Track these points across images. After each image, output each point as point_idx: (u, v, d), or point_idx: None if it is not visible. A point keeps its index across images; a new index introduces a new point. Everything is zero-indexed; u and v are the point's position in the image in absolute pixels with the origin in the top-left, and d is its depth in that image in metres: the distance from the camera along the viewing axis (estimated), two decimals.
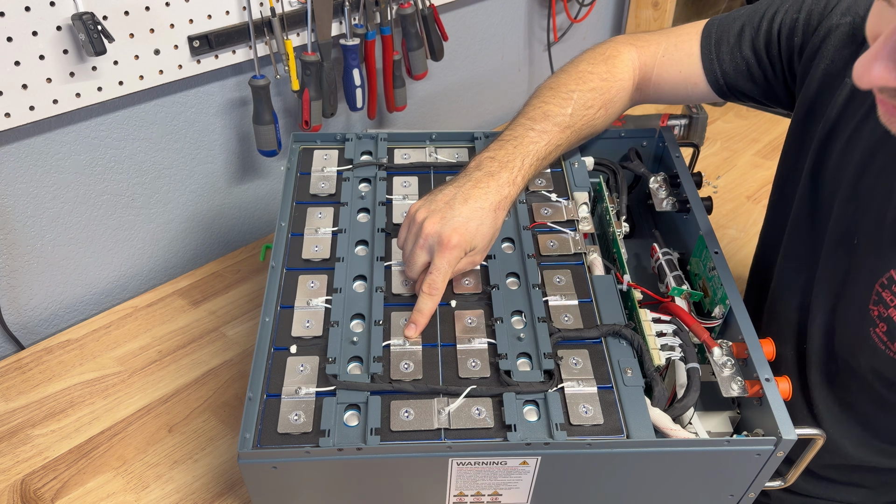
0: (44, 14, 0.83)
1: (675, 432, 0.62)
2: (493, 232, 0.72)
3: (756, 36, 0.76)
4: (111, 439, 0.84)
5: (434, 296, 0.70)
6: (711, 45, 0.79)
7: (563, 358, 0.67)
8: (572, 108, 0.80)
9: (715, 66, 0.79)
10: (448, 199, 0.71)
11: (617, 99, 0.83)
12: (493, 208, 0.71)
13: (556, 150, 0.80)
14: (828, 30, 0.70)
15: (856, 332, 0.67)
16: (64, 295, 1.03)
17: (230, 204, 1.18)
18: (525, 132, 0.78)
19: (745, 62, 0.78)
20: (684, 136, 1.40)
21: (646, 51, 0.84)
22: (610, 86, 0.82)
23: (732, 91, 0.80)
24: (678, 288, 0.74)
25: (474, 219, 0.70)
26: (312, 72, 1.06)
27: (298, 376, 0.65)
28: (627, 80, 0.84)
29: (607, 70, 0.82)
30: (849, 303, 0.68)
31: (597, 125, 0.83)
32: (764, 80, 0.78)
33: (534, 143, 0.77)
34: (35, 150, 0.92)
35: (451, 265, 0.70)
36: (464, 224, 0.69)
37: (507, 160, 0.75)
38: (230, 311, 1.02)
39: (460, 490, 0.65)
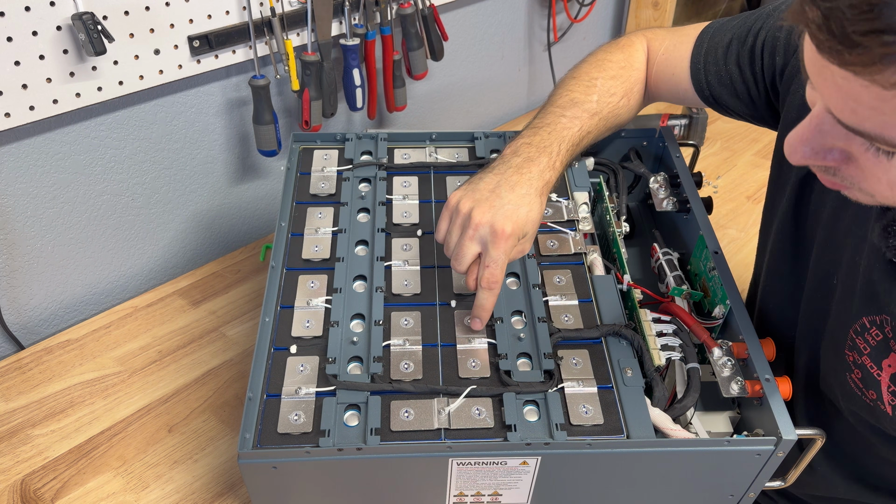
0: (44, 14, 0.83)
1: (675, 432, 0.62)
2: (540, 216, 0.70)
3: (741, 50, 0.74)
4: (111, 439, 0.84)
5: (494, 289, 0.67)
6: (701, 54, 0.78)
7: (563, 358, 0.67)
8: (597, 95, 0.79)
9: (701, 75, 0.78)
10: (492, 186, 0.68)
11: (636, 89, 0.83)
12: (538, 193, 0.69)
13: (587, 136, 0.78)
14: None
15: (835, 376, 0.65)
16: (64, 295, 1.03)
17: (230, 204, 1.18)
18: (557, 119, 0.76)
19: (729, 77, 0.76)
20: (684, 136, 1.40)
21: (653, 45, 0.83)
22: (629, 74, 0.81)
23: (718, 103, 0.78)
24: (678, 288, 0.74)
25: (523, 205, 0.68)
26: (312, 72, 1.06)
27: (298, 376, 0.65)
28: (642, 70, 0.83)
29: (625, 58, 0.82)
30: (828, 346, 0.66)
31: (621, 114, 0.82)
32: (748, 97, 0.76)
33: (567, 128, 0.75)
34: (35, 150, 0.92)
35: (508, 255, 0.67)
36: (514, 211, 0.67)
37: (545, 145, 0.73)
38: (230, 311, 1.02)
39: (460, 490, 0.65)
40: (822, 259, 0.66)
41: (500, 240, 0.66)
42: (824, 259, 0.66)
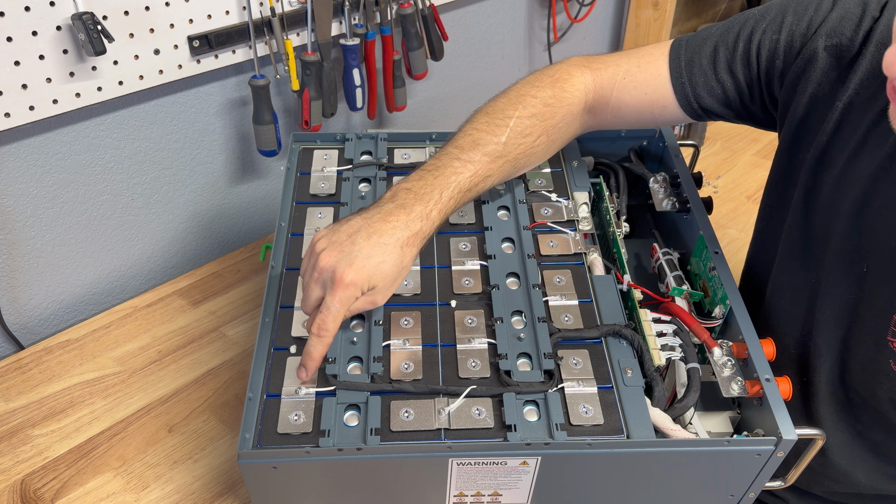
0: (44, 14, 0.83)
1: (675, 432, 0.62)
2: (396, 270, 0.66)
3: (732, 58, 0.72)
4: (111, 439, 0.84)
5: (323, 338, 0.63)
6: (682, 67, 0.74)
7: (563, 358, 0.67)
8: (507, 135, 0.74)
9: (687, 88, 0.74)
10: (352, 231, 0.65)
11: (563, 124, 0.77)
12: (399, 244, 0.65)
13: (485, 181, 0.73)
14: (812, 53, 0.66)
15: (872, 365, 0.64)
16: (64, 295, 1.03)
17: (230, 204, 1.18)
18: (449, 161, 0.72)
19: (720, 85, 0.73)
20: (684, 136, 1.40)
21: (603, 73, 0.78)
22: (554, 111, 0.76)
23: (707, 113, 0.76)
24: (678, 288, 0.74)
25: (375, 255, 0.64)
26: (312, 72, 1.06)
27: None
28: (576, 104, 0.78)
29: (553, 95, 0.76)
30: (863, 335, 0.65)
31: (537, 153, 0.77)
32: (740, 104, 0.74)
33: (457, 173, 0.71)
34: (35, 150, 0.92)
35: (344, 305, 0.63)
36: (363, 261, 0.63)
37: (424, 192, 0.69)
38: (230, 311, 1.02)
39: (460, 490, 0.65)
40: (846, 249, 0.65)
41: (338, 288, 0.62)
42: (848, 248, 0.65)
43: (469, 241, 0.78)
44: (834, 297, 0.67)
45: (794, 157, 0.71)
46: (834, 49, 0.65)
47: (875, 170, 0.62)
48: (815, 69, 0.66)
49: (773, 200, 0.77)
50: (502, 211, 0.81)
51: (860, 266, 0.64)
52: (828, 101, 0.66)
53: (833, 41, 0.65)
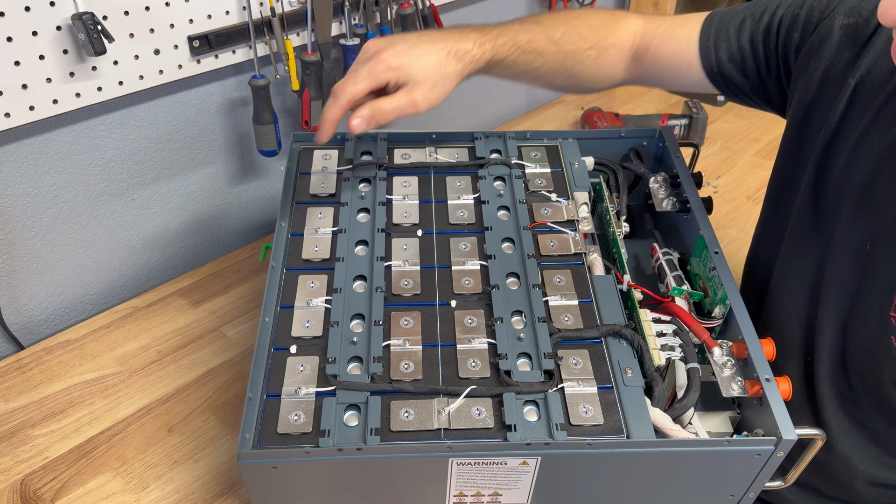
0: (44, 14, 0.83)
1: (675, 432, 0.62)
2: (436, 70, 0.67)
3: (756, 28, 0.74)
4: (111, 439, 0.84)
5: (338, 97, 0.66)
6: (711, 32, 0.78)
7: (563, 358, 0.67)
8: (565, 30, 0.79)
9: (711, 52, 0.77)
10: (411, 34, 0.69)
11: (611, 52, 0.82)
12: (446, 50, 0.68)
13: (536, 56, 0.77)
14: (828, 29, 0.68)
15: (874, 343, 0.65)
16: (64, 295, 1.03)
17: (230, 204, 1.18)
18: (512, 25, 0.77)
19: (740, 53, 0.76)
20: (684, 136, 1.40)
21: (650, 23, 0.84)
22: (608, 32, 0.82)
23: (726, 81, 0.78)
24: (678, 288, 0.74)
25: (420, 47, 0.66)
26: (312, 72, 1.06)
27: (298, 376, 0.65)
28: (626, 40, 0.83)
29: (611, 20, 0.83)
30: (865, 314, 0.65)
31: (585, 64, 0.81)
32: (756, 75, 0.76)
33: (515, 32, 0.76)
34: (35, 150, 0.92)
35: (372, 75, 0.65)
36: (406, 47, 0.66)
37: (484, 30, 0.74)
38: (230, 311, 1.02)
39: (460, 490, 0.65)
40: (854, 228, 0.66)
41: (372, 59, 0.66)
42: (856, 228, 0.66)
43: (469, 241, 0.78)
44: (839, 278, 0.67)
45: (804, 137, 0.72)
46: (850, 28, 0.66)
47: (885, 149, 0.63)
48: (829, 46, 0.68)
49: (781, 182, 0.77)
50: (502, 211, 0.81)
51: (864, 245, 0.64)
52: (840, 80, 0.67)
53: (850, 20, 0.66)
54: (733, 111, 1.55)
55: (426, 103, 0.68)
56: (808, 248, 0.71)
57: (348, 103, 0.67)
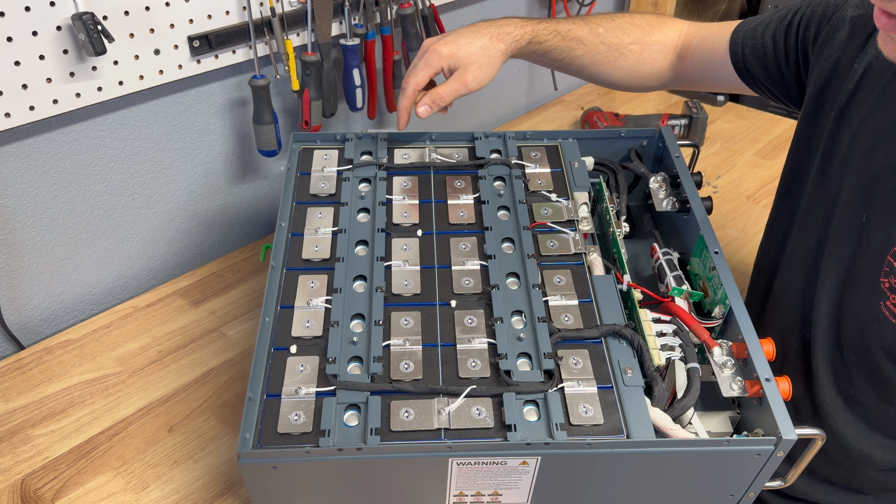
0: (44, 14, 0.83)
1: (675, 432, 0.62)
2: (480, 52, 0.78)
3: (779, 25, 0.80)
4: (111, 439, 0.84)
5: (404, 89, 0.78)
6: (741, 33, 0.85)
7: (563, 358, 0.67)
8: (610, 25, 0.88)
9: (739, 49, 0.84)
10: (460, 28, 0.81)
11: (656, 48, 0.89)
12: (489, 34, 0.79)
13: (578, 44, 0.86)
14: (840, 20, 0.73)
15: (864, 312, 0.68)
16: (64, 295, 1.03)
17: (230, 204, 1.18)
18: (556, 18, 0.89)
19: (763, 48, 0.81)
20: (684, 136, 1.40)
21: (694, 26, 0.91)
22: (651, 31, 0.89)
23: (750, 75, 0.84)
24: (678, 288, 0.74)
25: (466, 36, 0.78)
26: (312, 72, 1.06)
27: (298, 376, 0.65)
28: (671, 38, 0.90)
29: (656, 20, 0.90)
30: (857, 282, 0.69)
31: (629, 58, 0.89)
32: (777, 69, 0.81)
33: (557, 21, 0.85)
34: (35, 150, 0.92)
35: (428, 66, 0.77)
36: (453, 38, 0.78)
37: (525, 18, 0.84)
38: (230, 311, 1.02)
39: (460, 490, 0.65)
40: (852, 202, 0.70)
41: (425, 52, 0.77)
42: (854, 201, 0.69)
43: (469, 241, 0.78)
44: (837, 251, 0.71)
45: (816, 121, 0.76)
46: (859, 18, 0.72)
47: (885, 125, 0.67)
48: (841, 36, 0.73)
49: (794, 165, 0.81)
50: (502, 211, 0.81)
51: (861, 217, 0.68)
52: (849, 66, 0.72)
53: (859, 11, 0.72)
54: (733, 111, 1.55)
55: (476, 82, 0.79)
56: (814, 225, 0.75)
57: (414, 93, 0.80)
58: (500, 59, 0.80)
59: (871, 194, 0.68)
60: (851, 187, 0.70)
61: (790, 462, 0.66)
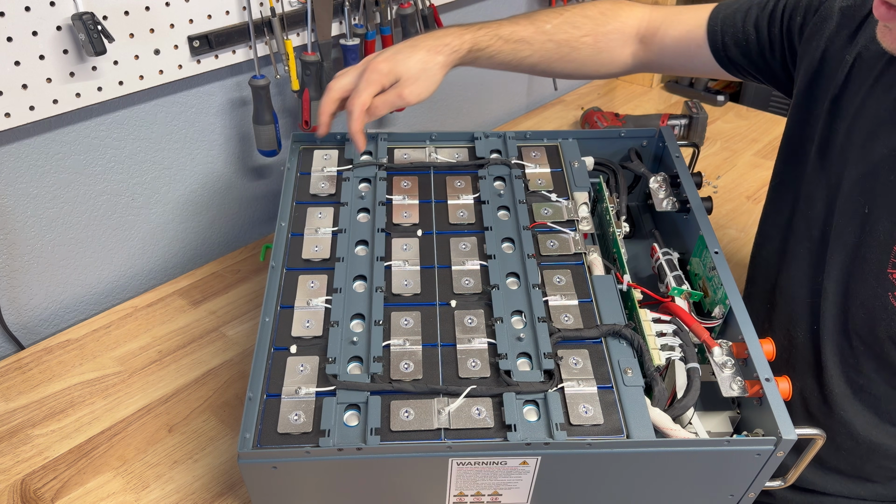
0: (44, 14, 0.83)
1: (675, 432, 0.62)
2: (420, 66, 0.78)
3: (761, 13, 0.80)
4: (111, 439, 0.84)
5: (352, 112, 0.77)
6: (718, 19, 0.84)
7: (563, 358, 0.67)
8: (558, 21, 0.85)
9: (718, 36, 0.83)
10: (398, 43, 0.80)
11: (612, 37, 0.88)
12: (426, 48, 0.78)
13: (524, 45, 0.85)
14: (829, 11, 0.74)
15: (872, 302, 0.68)
16: (64, 295, 1.03)
17: (230, 204, 1.18)
18: (499, 20, 0.85)
19: (745, 37, 0.81)
20: (684, 136, 1.40)
21: (658, 10, 0.89)
22: (607, 20, 0.87)
23: (731, 62, 0.83)
24: (678, 288, 0.74)
25: (404, 51, 0.78)
26: (312, 72, 1.06)
27: (298, 376, 0.65)
28: (629, 25, 0.88)
29: (611, 9, 0.88)
30: (864, 273, 0.69)
31: (582, 51, 0.87)
32: (760, 57, 0.81)
33: (499, 25, 0.84)
34: (35, 150, 0.92)
35: (369, 84, 0.77)
36: (392, 54, 0.78)
37: (466, 25, 0.83)
38: (230, 311, 1.02)
39: (460, 490, 0.65)
40: (853, 192, 0.70)
41: (366, 71, 0.77)
42: (855, 192, 0.70)
43: (469, 241, 0.78)
44: (841, 242, 0.71)
45: (808, 112, 0.76)
46: (848, 9, 0.72)
47: (880, 114, 0.67)
48: (830, 27, 0.73)
49: (788, 156, 0.81)
50: (502, 211, 0.81)
51: (864, 208, 0.68)
52: (839, 56, 0.72)
53: (848, 2, 0.73)
54: (733, 111, 1.56)
55: (413, 95, 0.79)
56: (816, 216, 0.75)
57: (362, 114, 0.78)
58: (440, 71, 0.80)
59: (872, 185, 0.68)
60: (852, 178, 0.70)
61: (797, 453, 0.66)
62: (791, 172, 0.80)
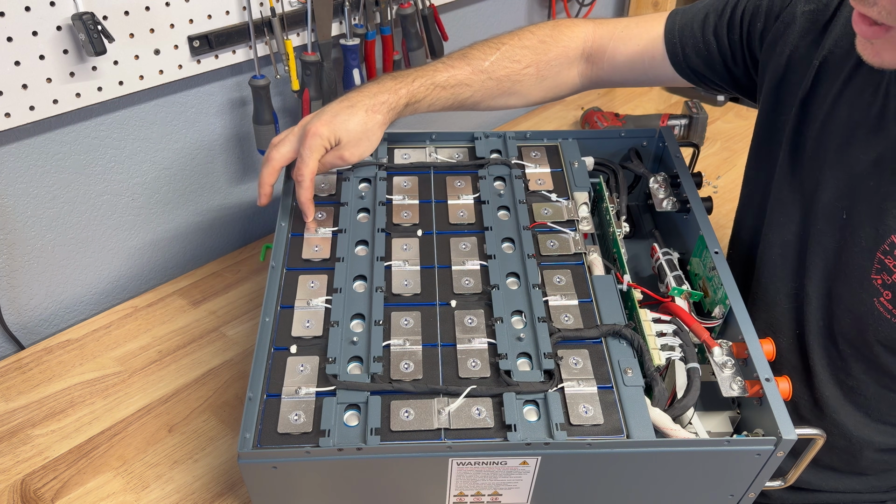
0: (44, 14, 0.83)
1: (675, 432, 0.62)
2: (360, 128, 0.77)
3: (719, 21, 0.79)
4: (111, 439, 0.84)
5: (302, 182, 0.76)
6: (675, 29, 0.83)
7: (563, 358, 0.67)
8: (495, 57, 0.84)
9: (678, 48, 0.82)
10: (335, 103, 0.79)
11: (556, 63, 0.86)
12: (364, 108, 0.78)
13: (463, 88, 0.83)
14: (791, 17, 0.73)
15: (858, 307, 0.68)
16: (64, 295, 1.03)
17: (230, 204, 1.18)
18: (435, 64, 0.84)
19: (706, 46, 0.80)
20: (684, 136, 1.40)
21: (603, 26, 0.87)
22: (547, 48, 0.86)
23: (694, 72, 0.83)
24: (678, 288, 0.74)
25: (342, 114, 0.77)
26: (312, 72, 1.06)
27: (298, 376, 0.65)
28: (572, 48, 0.87)
29: (551, 35, 0.86)
30: (847, 278, 0.68)
31: (524, 82, 0.86)
32: (723, 65, 0.81)
33: (435, 71, 0.83)
34: (35, 150, 0.92)
35: (313, 151, 0.76)
36: (330, 118, 0.76)
37: (400, 77, 0.82)
38: (230, 311, 1.02)
39: (460, 490, 0.65)
40: (830, 197, 0.70)
41: (307, 137, 0.76)
42: (832, 197, 0.69)
43: (469, 241, 0.78)
44: (821, 247, 0.71)
45: (776, 118, 0.76)
46: (811, 14, 0.72)
47: (854, 120, 0.67)
48: (793, 32, 0.73)
49: (758, 163, 0.82)
50: (502, 211, 0.81)
51: (842, 213, 0.68)
52: (805, 60, 0.72)
53: (811, 6, 0.72)
54: (733, 111, 1.55)
55: (354, 157, 0.80)
56: (789, 220, 0.74)
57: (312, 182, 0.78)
58: (379, 130, 0.80)
59: (851, 192, 0.68)
60: (828, 184, 0.70)
61: (794, 456, 0.66)
62: (761, 178, 0.80)
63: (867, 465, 0.78)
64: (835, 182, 0.69)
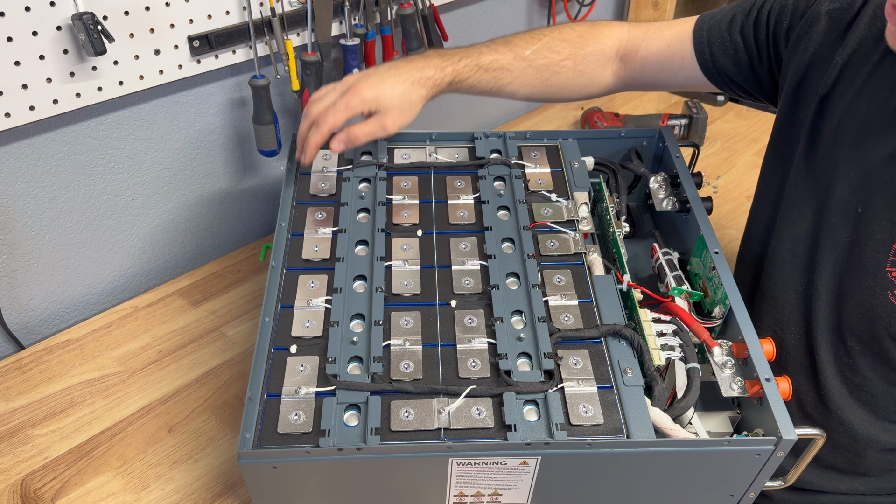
0: (44, 14, 0.83)
1: (675, 432, 0.62)
2: (402, 98, 0.78)
3: (746, 20, 0.80)
4: (111, 439, 0.84)
5: (321, 127, 0.76)
6: (703, 30, 0.84)
7: (563, 358, 0.67)
8: (537, 46, 0.85)
9: (705, 47, 0.83)
10: (384, 68, 0.80)
11: (591, 59, 0.87)
12: (410, 80, 0.78)
13: (504, 73, 0.85)
14: (815, 15, 0.74)
15: (870, 300, 0.68)
16: (64, 295, 1.03)
17: (230, 204, 1.18)
18: (479, 47, 0.85)
19: (733, 46, 0.81)
20: (684, 136, 1.40)
21: (637, 28, 0.89)
22: (585, 43, 0.87)
23: (720, 73, 0.83)
24: (678, 288, 0.74)
25: (388, 80, 0.77)
26: (312, 72, 1.06)
27: (298, 376, 0.65)
28: (608, 46, 0.88)
29: (589, 31, 0.88)
30: (859, 272, 0.69)
31: (562, 74, 0.87)
32: (749, 65, 0.81)
33: (479, 53, 0.84)
34: (35, 150, 0.92)
35: (349, 108, 0.76)
36: (376, 81, 0.77)
37: (447, 54, 0.82)
38: (230, 311, 1.02)
39: (460, 490, 0.65)
40: (844, 192, 0.70)
41: (348, 93, 0.76)
42: (846, 192, 0.70)
43: (469, 241, 0.78)
44: (833, 242, 0.71)
45: (795, 116, 0.76)
46: (836, 13, 0.72)
47: (870, 114, 0.68)
48: (817, 31, 0.73)
49: (775, 159, 0.81)
50: (502, 211, 0.81)
51: (856, 207, 0.69)
52: (827, 59, 0.72)
53: (835, 5, 0.73)
54: (733, 111, 1.55)
55: (395, 127, 0.79)
56: (802, 215, 0.75)
57: (329, 132, 0.78)
58: (420, 104, 0.80)
59: (866, 186, 0.68)
60: (843, 178, 0.70)
61: (795, 455, 0.66)
62: (777, 175, 0.80)
63: (871, 465, 0.78)
64: (849, 176, 0.69)
